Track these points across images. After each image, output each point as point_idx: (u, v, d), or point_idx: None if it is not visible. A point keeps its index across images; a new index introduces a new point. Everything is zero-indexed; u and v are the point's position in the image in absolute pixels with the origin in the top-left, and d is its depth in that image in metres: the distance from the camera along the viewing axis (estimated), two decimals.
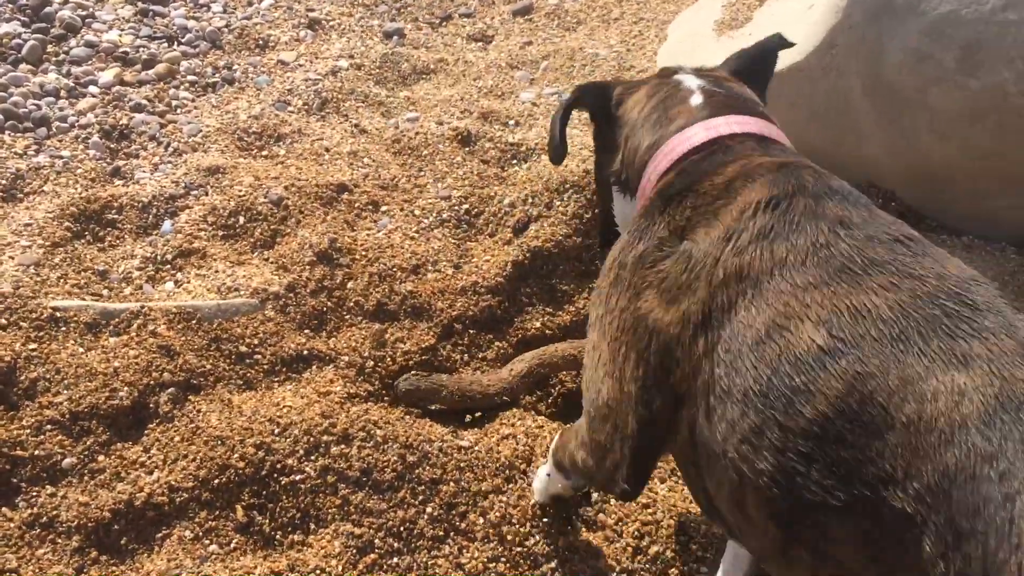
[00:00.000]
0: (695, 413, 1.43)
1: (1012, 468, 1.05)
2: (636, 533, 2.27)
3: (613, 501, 2.34)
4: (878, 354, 1.21)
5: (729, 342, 1.36)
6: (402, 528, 2.24)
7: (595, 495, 2.36)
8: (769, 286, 1.35)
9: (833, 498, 1.20)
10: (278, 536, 2.24)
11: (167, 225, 3.13)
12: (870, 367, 1.21)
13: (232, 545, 2.21)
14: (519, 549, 2.20)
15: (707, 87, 1.87)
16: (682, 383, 1.45)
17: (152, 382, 2.49)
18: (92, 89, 3.92)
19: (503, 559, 2.18)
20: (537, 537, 2.24)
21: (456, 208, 3.26)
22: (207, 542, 2.21)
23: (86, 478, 2.29)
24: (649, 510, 2.31)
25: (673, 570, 2.21)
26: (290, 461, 2.31)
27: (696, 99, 1.83)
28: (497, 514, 2.26)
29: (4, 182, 3.27)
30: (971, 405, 1.12)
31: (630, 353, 1.54)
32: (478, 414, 2.60)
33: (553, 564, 2.19)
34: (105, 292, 2.84)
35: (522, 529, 2.24)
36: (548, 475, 2.17)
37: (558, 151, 2.02)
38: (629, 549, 2.25)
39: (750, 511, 1.35)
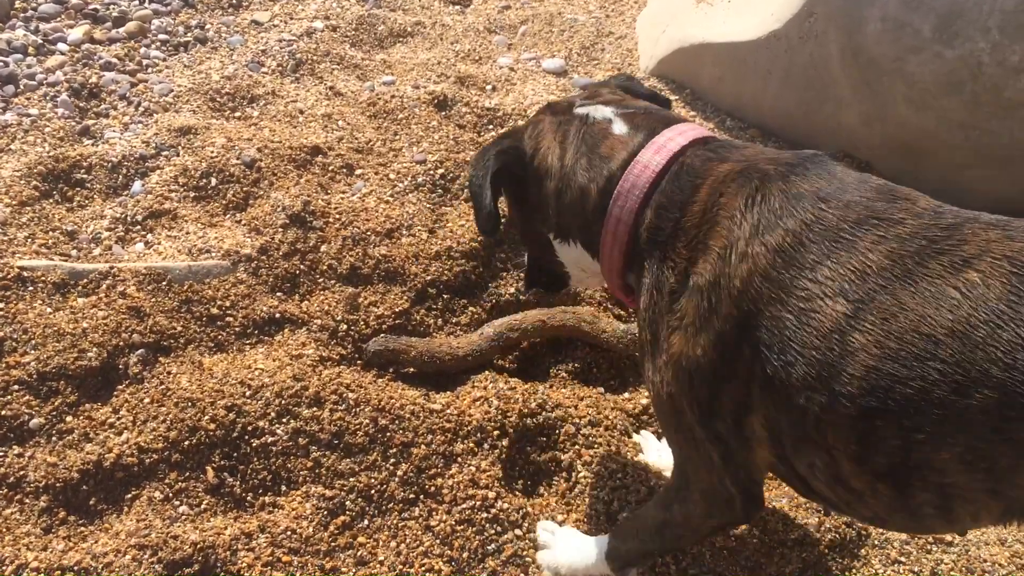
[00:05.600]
0: (768, 411, 1.49)
1: None
2: (606, 498, 2.29)
3: (580, 467, 2.35)
4: (892, 295, 1.33)
5: (770, 338, 1.44)
6: (373, 491, 2.24)
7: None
8: (783, 276, 1.44)
9: (923, 432, 1.28)
10: (249, 498, 2.24)
11: (137, 186, 3.08)
12: (891, 309, 1.32)
13: (203, 506, 2.20)
14: (487, 513, 2.21)
15: (621, 111, 1.85)
16: (739, 394, 1.52)
17: (121, 343, 2.46)
18: (61, 47, 3.84)
19: (472, 522, 2.19)
20: (506, 501, 2.25)
21: (431, 172, 3.24)
22: (177, 503, 2.20)
23: (54, 438, 2.27)
24: (619, 475, 2.33)
25: None
26: (261, 423, 2.31)
27: (621, 127, 1.82)
28: (467, 477, 2.27)
29: None
30: (995, 288, 1.24)
31: (681, 402, 1.62)
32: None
33: (522, 530, 2.20)
34: (74, 252, 2.80)
35: (491, 493, 2.25)
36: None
37: (489, 221, 1.91)
38: (599, 515, 2.26)
39: (852, 483, 1.42)
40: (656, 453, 2.41)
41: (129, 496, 2.21)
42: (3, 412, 2.28)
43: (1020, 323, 1.19)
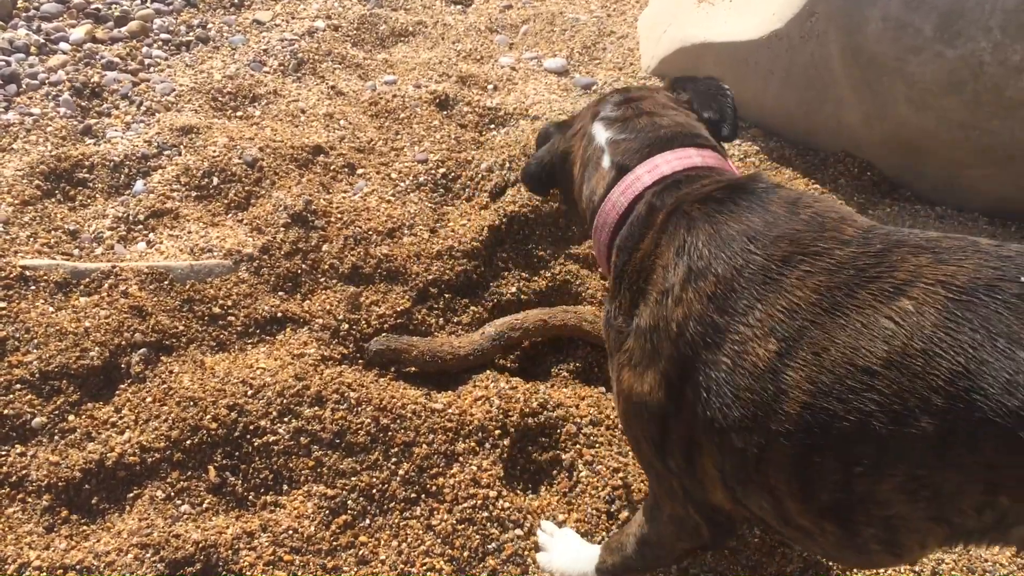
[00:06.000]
0: (714, 454, 1.49)
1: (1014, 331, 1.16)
2: (607, 497, 2.29)
3: (581, 467, 2.35)
4: (822, 329, 1.32)
5: (707, 382, 1.45)
6: (374, 490, 2.25)
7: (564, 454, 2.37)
8: (717, 321, 1.46)
9: (862, 465, 1.26)
10: (251, 497, 2.24)
11: (139, 185, 3.09)
12: (822, 344, 1.31)
13: (204, 505, 2.21)
14: (488, 512, 2.22)
15: (613, 137, 1.91)
16: (687, 434, 1.53)
17: (123, 342, 2.47)
18: (63, 46, 3.85)
19: (473, 521, 2.20)
20: (507, 501, 2.25)
21: (433, 172, 3.24)
22: (179, 502, 2.20)
23: (56, 437, 2.28)
24: (620, 474, 2.33)
25: None
26: (263, 422, 2.31)
27: (606, 159, 1.89)
28: (468, 477, 2.27)
29: None
30: (929, 315, 1.22)
31: (638, 434, 1.67)
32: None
33: (522, 529, 2.21)
34: (76, 252, 2.81)
35: (492, 492, 2.25)
36: None
37: (536, 193, 2.24)
38: (599, 514, 2.26)
39: (800, 522, 1.42)
40: None
41: (131, 495, 2.21)
42: (5, 411, 2.28)
43: (959, 350, 1.17)
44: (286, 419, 2.33)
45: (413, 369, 2.60)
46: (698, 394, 1.47)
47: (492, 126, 3.55)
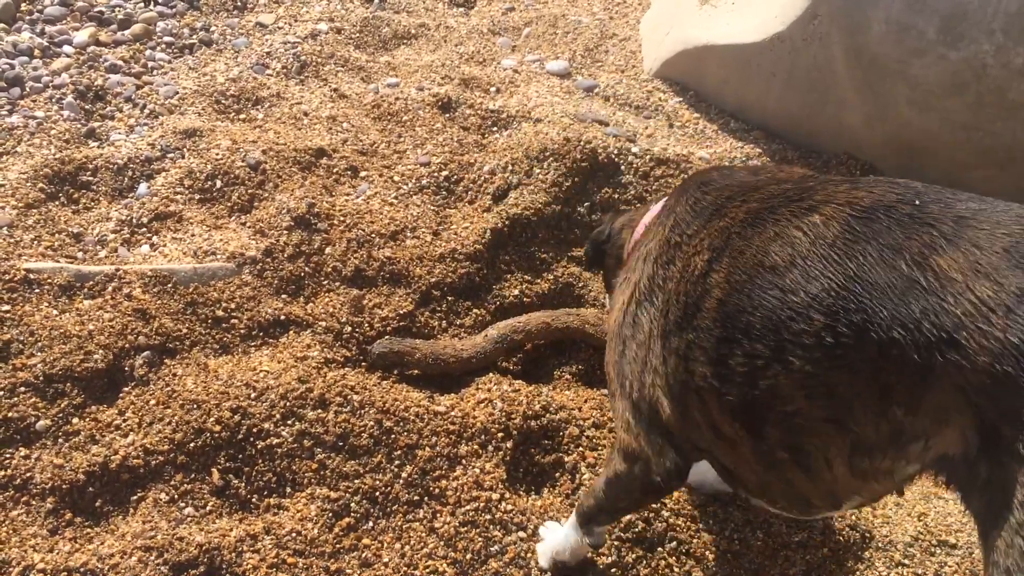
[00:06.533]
0: (659, 367, 1.70)
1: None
2: None
3: (584, 469, 2.35)
4: (744, 239, 1.52)
5: (661, 297, 1.72)
6: (377, 492, 2.25)
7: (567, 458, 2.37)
8: (672, 242, 1.75)
9: (763, 358, 1.42)
10: (254, 499, 2.25)
11: (143, 188, 3.09)
12: (740, 248, 1.51)
13: (208, 508, 2.21)
14: (491, 515, 2.22)
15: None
16: (644, 356, 1.77)
17: (127, 345, 2.47)
18: (67, 49, 3.86)
19: (476, 524, 2.20)
20: (510, 503, 2.25)
21: (435, 174, 3.25)
22: (183, 505, 2.21)
23: (60, 440, 2.28)
24: None
25: (644, 535, 2.23)
26: (266, 425, 2.31)
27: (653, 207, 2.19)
28: (471, 479, 2.28)
29: None
30: (833, 228, 1.39)
31: (610, 368, 1.92)
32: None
33: (525, 532, 2.21)
34: (79, 254, 2.81)
35: (495, 495, 2.25)
36: (566, 535, 2.10)
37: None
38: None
39: (725, 429, 1.56)
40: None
41: (135, 498, 2.21)
42: (10, 414, 2.29)
43: (851, 258, 1.32)
44: (289, 422, 2.33)
45: (416, 372, 2.61)
46: (652, 309, 1.72)
47: (495, 129, 3.55)
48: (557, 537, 2.12)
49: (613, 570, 2.15)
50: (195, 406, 2.33)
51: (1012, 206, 1.30)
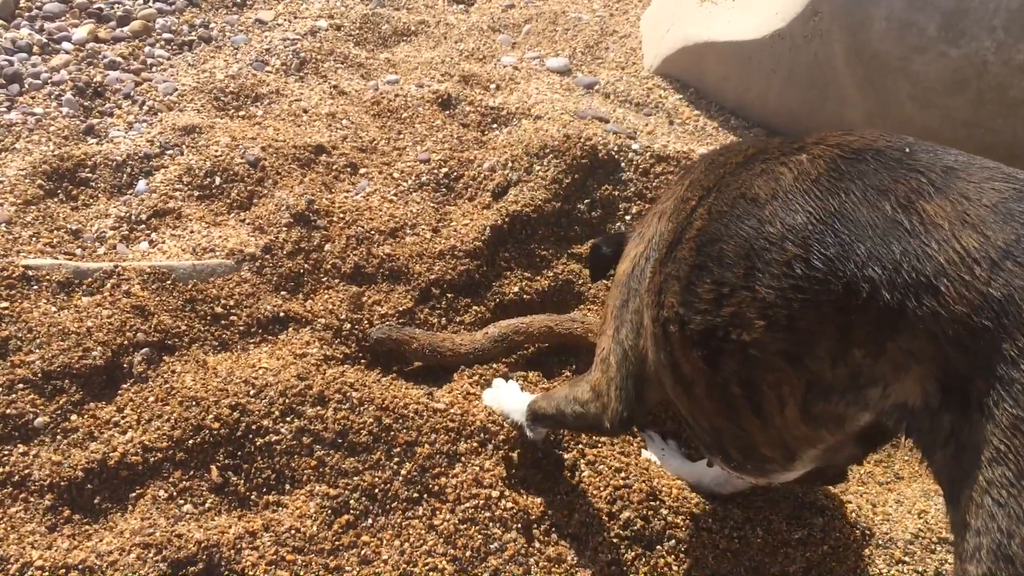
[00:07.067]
0: (649, 305, 1.73)
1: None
2: (608, 498, 2.29)
3: (584, 467, 2.35)
4: (733, 176, 1.55)
5: (653, 237, 1.77)
6: (377, 490, 2.25)
7: (568, 456, 2.37)
8: (678, 194, 1.76)
9: (728, 284, 1.43)
10: (253, 496, 2.24)
11: (142, 184, 3.09)
12: (728, 183, 1.55)
13: (207, 505, 2.21)
14: (490, 512, 2.21)
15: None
16: (639, 306, 1.81)
17: (126, 342, 2.47)
18: (65, 45, 3.85)
19: (475, 521, 2.20)
20: (510, 500, 2.25)
21: (435, 171, 3.24)
22: (181, 502, 2.20)
23: (59, 437, 2.28)
24: (622, 474, 2.33)
25: (643, 534, 2.23)
26: (265, 422, 2.31)
27: None
28: (470, 477, 2.27)
29: None
30: (818, 165, 1.39)
31: (610, 310, 1.93)
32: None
33: (523, 528, 2.20)
34: (78, 251, 2.81)
35: (494, 492, 2.25)
36: (512, 410, 2.36)
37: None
38: (601, 514, 2.26)
39: (681, 361, 1.58)
40: (659, 451, 2.41)
41: (133, 495, 2.21)
42: (8, 411, 2.28)
43: (834, 195, 1.32)
44: (288, 419, 2.33)
45: (416, 364, 2.60)
46: (648, 249, 1.76)
47: (495, 126, 3.55)
48: (505, 403, 2.38)
49: (612, 568, 2.15)
50: (194, 403, 2.32)
51: (1000, 165, 1.29)
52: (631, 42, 4.45)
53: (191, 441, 2.27)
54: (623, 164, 3.26)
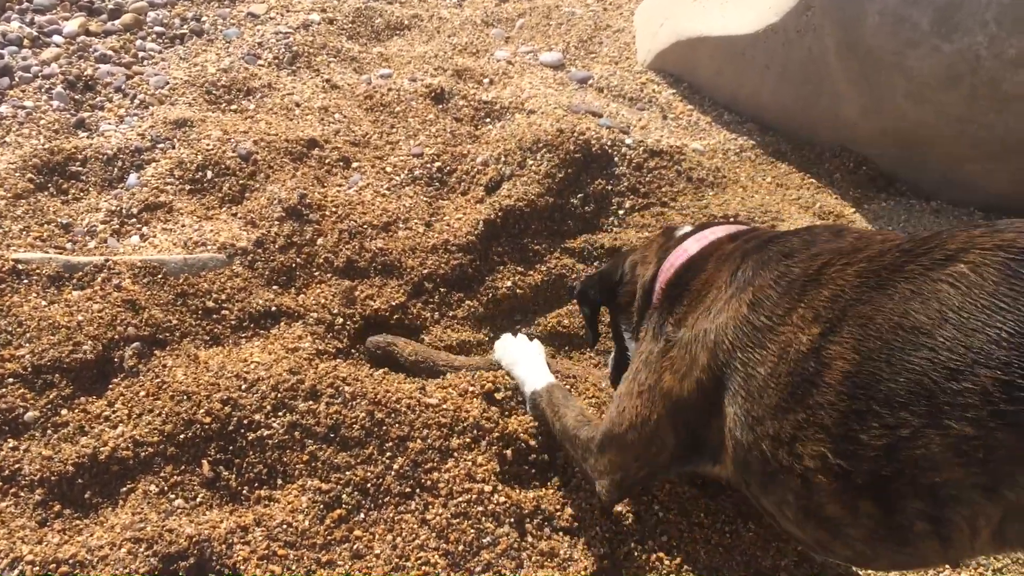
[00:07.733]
0: (737, 449, 1.58)
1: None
2: None
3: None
4: (868, 304, 1.36)
5: (745, 382, 1.54)
6: (369, 484, 2.24)
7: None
8: (757, 325, 1.55)
9: (910, 427, 1.25)
10: (245, 491, 2.23)
11: (133, 178, 3.07)
12: (867, 314, 1.35)
13: (198, 500, 2.20)
14: (483, 507, 2.21)
15: (692, 229, 2.13)
16: (707, 432, 1.70)
17: (116, 336, 2.45)
18: (56, 39, 3.83)
19: (467, 515, 2.19)
20: (502, 495, 2.24)
21: (428, 166, 3.23)
22: (172, 496, 2.19)
23: (49, 431, 2.27)
24: None
25: (634, 528, 2.23)
26: (257, 417, 2.30)
27: (681, 230, 2.18)
28: (463, 471, 2.27)
29: None
30: (989, 275, 1.23)
31: (653, 414, 1.85)
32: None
33: (515, 522, 2.20)
34: (69, 245, 2.79)
35: (487, 487, 2.24)
36: (524, 381, 2.39)
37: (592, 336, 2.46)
38: (593, 509, 2.26)
39: (828, 511, 1.42)
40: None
41: (124, 489, 2.20)
42: None
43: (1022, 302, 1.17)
44: (280, 413, 2.32)
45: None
46: (734, 393, 1.57)
47: (488, 120, 3.54)
48: (518, 368, 2.42)
49: (604, 562, 2.14)
50: (185, 397, 2.31)
51: None
52: (625, 37, 4.44)
53: (182, 436, 2.26)
54: (616, 159, 3.26)
